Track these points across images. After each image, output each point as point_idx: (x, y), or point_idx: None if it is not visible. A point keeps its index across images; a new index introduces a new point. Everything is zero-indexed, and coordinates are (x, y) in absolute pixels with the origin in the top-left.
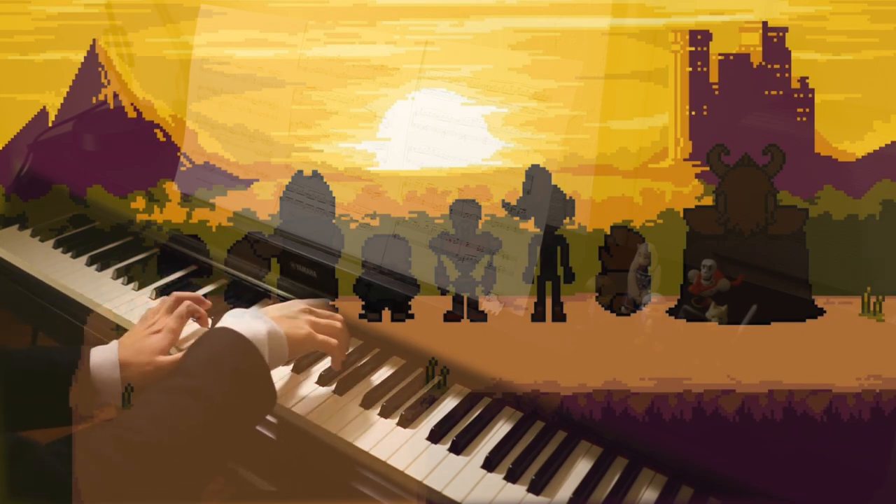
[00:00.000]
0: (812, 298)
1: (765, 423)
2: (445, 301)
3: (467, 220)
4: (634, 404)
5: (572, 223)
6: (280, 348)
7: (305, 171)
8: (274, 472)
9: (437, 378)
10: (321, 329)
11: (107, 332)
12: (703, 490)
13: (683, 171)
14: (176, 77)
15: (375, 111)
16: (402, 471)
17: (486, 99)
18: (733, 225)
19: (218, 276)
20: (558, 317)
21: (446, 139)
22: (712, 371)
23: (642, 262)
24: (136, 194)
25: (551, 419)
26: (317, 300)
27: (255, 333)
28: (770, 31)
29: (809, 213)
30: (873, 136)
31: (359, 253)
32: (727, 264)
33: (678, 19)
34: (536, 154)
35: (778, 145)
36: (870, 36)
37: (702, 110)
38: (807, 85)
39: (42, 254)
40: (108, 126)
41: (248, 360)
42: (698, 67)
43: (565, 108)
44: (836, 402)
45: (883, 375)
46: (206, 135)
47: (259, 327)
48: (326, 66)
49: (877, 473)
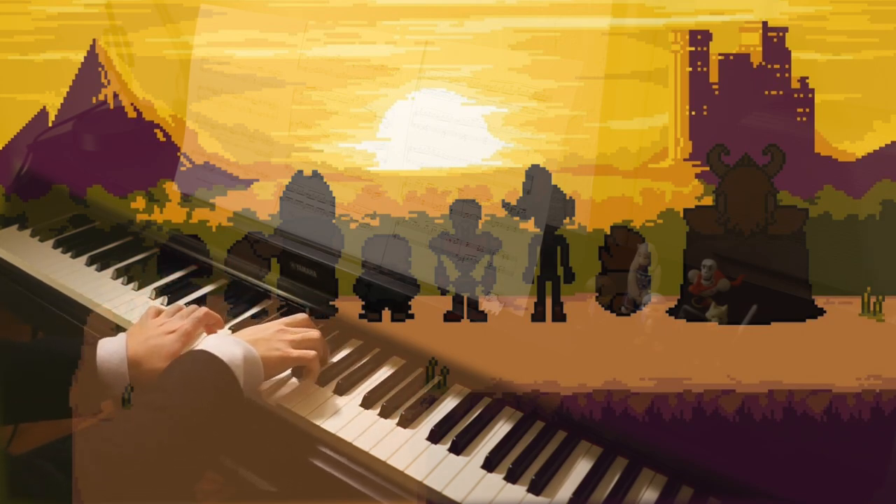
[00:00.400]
0: (812, 298)
1: (765, 423)
2: (445, 301)
3: (467, 220)
4: (634, 404)
5: (572, 223)
6: (256, 371)
7: (305, 171)
8: (274, 472)
9: (437, 378)
10: (297, 345)
11: (106, 332)
12: (703, 490)
13: (683, 171)
14: (176, 77)
15: (375, 111)
16: (402, 471)
17: (486, 99)
18: (733, 225)
19: (218, 276)
20: (558, 317)
21: (446, 139)
22: (712, 371)
23: (642, 262)
24: (136, 194)
25: (551, 419)
26: (294, 316)
27: (232, 358)
28: (770, 31)
29: (809, 213)
30: (873, 136)
31: (359, 253)
32: (727, 264)
33: (678, 19)
34: (536, 154)
35: (778, 145)
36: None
37: (702, 110)
38: (807, 85)
39: (42, 254)
40: (108, 126)
41: (224, 383)
42: (698, 67)
43: (565, 108)
44: (836, 402)
45: (883, 375)
46: (206, 135)
47: (236, 352)
48: (326, 66)
49: (877, 473)
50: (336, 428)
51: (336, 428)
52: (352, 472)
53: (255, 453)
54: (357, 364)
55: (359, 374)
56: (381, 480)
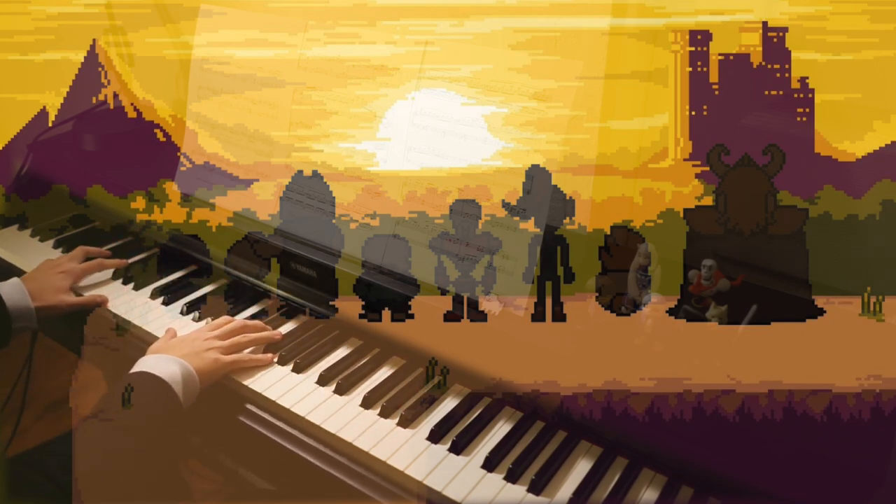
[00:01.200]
0: (812, 298)
1: (765, 423)
2: (445, 301)
3: (467, 220)
4: (634, 404)
5: (572, 223)
6: (192, 385)
7: (305, 171)
8: (273, 472)
9: (437, 378)
10: (228, 350)
11: (106, 331)
12: (703, 490)
13: (683, 171)
14: (176, 77)
15: (375, 111)
16: (402, 471)
17: (486, 99)
18: (733, 225)
19: (218, 276)
20: (558, 317)
21: (446, 139)
22: (712, 371)
23: (642, 262)
24: (136, 194)
25: (551, 419)
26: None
27: (172, 375)
28: (770, 31)
29: (809, 213)
30: (873, 136)
31: (359, 253)
32: (727, 264)
33: (678, 19)
34: (536, 154)
35: (778, 145)
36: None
37: (702, 110)
38: (807, 85)
39: (42, 254)
40: (108, 126)
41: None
42: (698, 67)
43: (565, 108)
44: (836, 402)
45: (883, 375)
46: (206, 135)
47: (174, 370)
48: (326, 66)
49: (877, 473)
50: (336, 428)
51: (336, 428)
52: (352, 472)
53: (254, 453)
54: (357, 364)
55: (359, 374)
56: (381, 480)
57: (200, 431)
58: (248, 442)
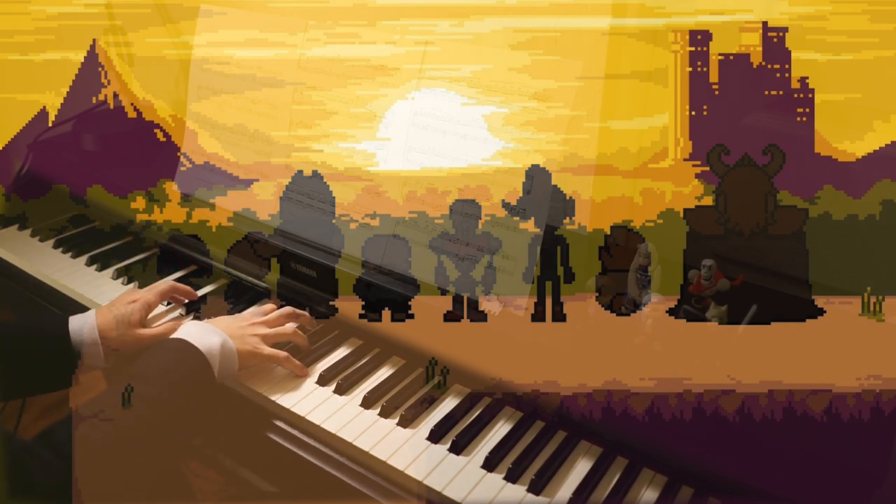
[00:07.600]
0: (812, 298)
1: (765, 423)
2: (445, 301)
3: (467, 220)
4: (634, 404)
5: (572, 223)
6: (231, 362)
7: (305, 171)
8: (274, 472)
9: (437, 378)
10: (270, 340)
11: None
12: (703, 490)
13: (683, 171)
14: (176, 77)
15: (375, 111)
16: (402, 471)
17: (486, 99)
18: (733, 225)
19: (218, 276)
20: (558, 317)
21: (446, 139)
22: (712, 371)
23: (642, 262)
24: (136, 194)
25: (551, 419)
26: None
27: (210, 347)
28: (770, 31)
29: (809, 213)
30: (873, 136)
31: (359, 253)
32: (727, 264)
33: (678, 19)
34: (536, 154)
35: (778, 145)
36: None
37: (702, 110)
38: (807, 85)
39: (42, 254)
40: (108, 126)
41: (199, 372)
42: (698, 67)
43: (565, 108)
44: (836, 402)
45: (883, 375)
46: (206, 135)
47: (214, 341)
48: (326, 66)
49: (877, 473)
50: (336, 428)
51: (336, 428)
52: (352, 472)
53: (255, 453)
54: (357, 364)
55: (359, 374)
56: (381, 480)
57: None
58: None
